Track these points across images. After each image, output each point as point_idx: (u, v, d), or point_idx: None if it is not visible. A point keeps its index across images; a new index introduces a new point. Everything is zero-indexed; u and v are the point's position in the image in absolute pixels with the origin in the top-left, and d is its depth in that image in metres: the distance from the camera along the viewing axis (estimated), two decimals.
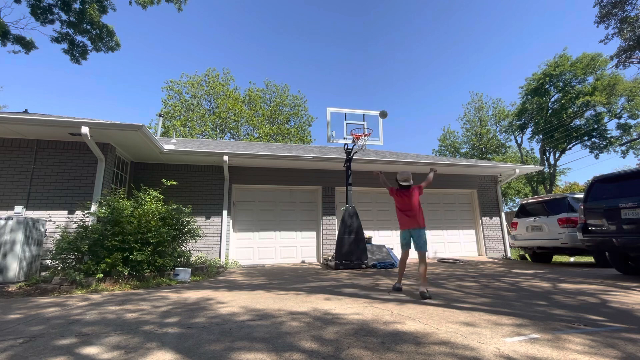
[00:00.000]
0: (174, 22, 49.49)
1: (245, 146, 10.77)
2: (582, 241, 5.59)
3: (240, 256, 8.39)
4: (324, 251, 8.74)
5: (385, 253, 7.51)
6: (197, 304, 3.48)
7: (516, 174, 10.24)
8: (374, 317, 2.78)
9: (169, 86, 25.98)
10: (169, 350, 2.04)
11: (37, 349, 2.11)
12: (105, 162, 6.20)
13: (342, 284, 4.83)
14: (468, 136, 33.24)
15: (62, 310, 3.24)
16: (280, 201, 9.11)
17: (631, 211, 4.79)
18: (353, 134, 7.55)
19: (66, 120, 5.67)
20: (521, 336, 2.19)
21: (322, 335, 2.26)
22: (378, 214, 9.73)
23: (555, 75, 26.09)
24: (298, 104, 28.90)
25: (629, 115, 24.59)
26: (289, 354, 1.91)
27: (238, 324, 2.63)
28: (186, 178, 8.16)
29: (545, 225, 7.57)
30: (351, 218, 7.05)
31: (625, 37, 13.85)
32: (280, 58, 52.56)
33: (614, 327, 2.40)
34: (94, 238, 4.99)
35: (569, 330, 2.32)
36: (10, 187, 5.86)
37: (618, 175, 5.46)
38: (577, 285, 4.37)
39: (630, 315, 2.77)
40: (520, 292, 3.97)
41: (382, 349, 1.98)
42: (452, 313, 2.87)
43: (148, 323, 2.69)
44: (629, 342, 2.05)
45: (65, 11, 9.60)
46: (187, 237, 6.21)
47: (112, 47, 10.53)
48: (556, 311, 2.92)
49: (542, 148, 28.25)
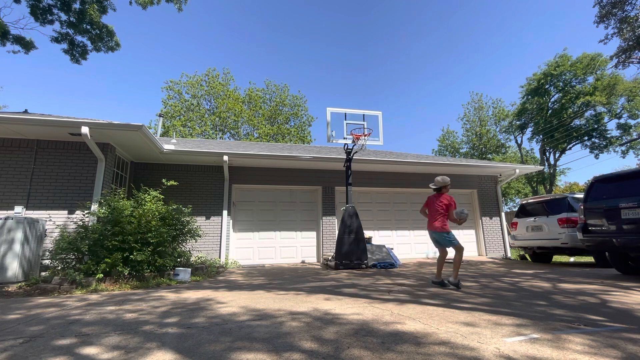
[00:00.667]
0: (174, 22, 49.54)
1: (245, 146, 10.77)
2: (582, 241, 5.58)
3: (240, 256, 8.39)
4: (324, 251, 8.74)
5: (385, 253, 7.50)
6: (197, 304, 3.48)
7: (516, 174, 10.24)
8: (374, 317, 2.78)
9: (168, 86, 26.00)
10: (169, 350, 2.04)
11: (37, 349, 2.10)
12: (105, 162, 6.20)
13: (342, 284, 4.83)
14: (468, 136, 33.27)
15: (61, 311, 3.24)
16: (280, 201, 9.11)
17: (631, 211, 4.79)
18: (353, 134, 7.55)
19: (66, 120, 5.67)
20: (521, 336, 2.19)
21: (322, 335, 2.26)
22: (378, 214, 9.73)
23: (555, 75, 26.11)
24: (298, 104, 28.92)
25: (629, 115, 24.61)
26: (289, 354, 1.91)
27: (238, 324, 2.63)
28: (186, 178, 8.16)
29: (545, 225, 7.57)
30: (351, 218, 7.05)
31: (625, 37, 13.84)
32: (280, 58, 52.62)
33: (614, 327, 2.40)
34: (93, 238, 4.99)
35: (569, 330, 2.32)
36: (10, 187, 5.86)
37: (618, 175, 5.46)
38: (577, 285, 4.37)
39: (631, 315, 2.77)
40: (520, 292, 3.97)
41: (382, 349, 1.97)
42: (452, 313, 2.87)
43: (148, 323, 2.69)
44: (629, 342, 2.05)
45: (65, 11, 9.61)
46: (187, 237, 6.21)
47: (112, 47, 10.53)
48: (556, 311, 2.92)
49: (542, 148, 28.26)
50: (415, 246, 9.77)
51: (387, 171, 9.62)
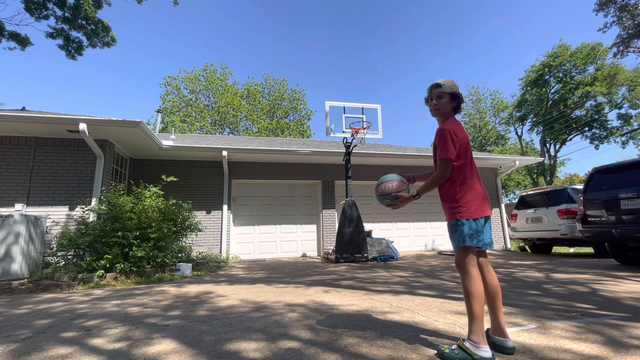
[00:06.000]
0: (170, 16, 49.02)
1: (244, 141, 10.75)
2: (582, 232, 5.60)
3: (241, 251, 8.44)
4: (324, 245, 8.78)
5: (385, 246, 7.55)
6: (198, 297, 3.52)
7: (516, 166, 10.23)
8: (372, 308, 2.81)
9: (167, 82, 25.87)
10: (172, 340, 2.09)
11: (47, 340, 2.18)
12: (104, 158, 6.20)
13: (342, 277, 4.87)
14: (467, 129, 33.16)
15: (66, 305, 3.29)
16: (280, 195, 9.12)
17: (631, 201, 4.79)
18: (352, 128, 7.53)
19: (64, 117, 5.65)
20: (518, 327, 2.22)
21: (319, 326, 2.29)
22: (378, 207, 9.73)
23: (555, 66, 25.90)
24: (297, 98, 28.79)
25: (630, 105, 24.46)
26: (287, 342, 1.95)
27: (238, 316, 2.66)
28: (186, 174, 8.16)
29: (544, 217, 7.59)
30: (351, 208, 7.10)
31: (625, 25, 13.70)
32: (278, 51, 52.13)
33: (599, 315, 2.43)
34: (94, 234, 5.02)
35: (557, 319, 2.35)
36: (10, 185, 5.87)
37: (617, 165, 5.45)
38: (571, 275, 4.40)
39: (617, 303, 2.80)
40: (513, 282, 4.00)
41: (381, 339, 2.00)
42: (450, 304, 2.90)
43: (151, 316, 2.74)
44: (612, 328, 2.11)
45: (60, 6, 9.51)
46: (187, 232, 6.25)
47: (107, 42, 10.44)
48: (546, 300, 2.95)
49: (542, 139, 28.18)
50: (415, 239, 9.81)
51: (387, 164, 9.61)
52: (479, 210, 1.78)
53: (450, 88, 1.89)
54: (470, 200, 1.78)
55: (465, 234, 1.75)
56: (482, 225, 1.80)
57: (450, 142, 1.77)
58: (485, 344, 1.61)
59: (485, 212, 1.81)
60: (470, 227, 1.76)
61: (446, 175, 1.81)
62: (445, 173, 1.81)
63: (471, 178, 1.82)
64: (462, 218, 1.77)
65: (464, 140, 1.82)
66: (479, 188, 1.82)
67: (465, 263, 1.75)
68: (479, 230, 1.77)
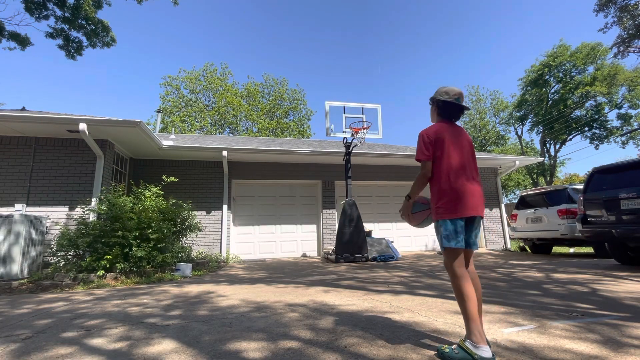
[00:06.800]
0: (170, 16, 49.01)
1: (244, 141, 10.75)
2: (582, 232, 5.60)
3: (241, 251, 8.44)
4: (324, 244, 8.78)
5: (385, 246, 7.55)
6: (198, 297, 3.52)
7: (516, 166, 10.23)
8: (372, 308, 2.81)
9: (166, 82, 25.85)
10: (173, 340, 2.10)
11: (47, 340, 2.17)
12: (104, 158, 6.20)
13: (342, 277, 4.87)
14: (466, 129, 33.15)
15: (67, 305, 3.29)
16: (280, 195, 9.12)
17: (631, 201, 4.79)
18: (352, 128, 7.53)
19: (63, 117, 5.65)
20: (513, 326, 2.22)
21: (319, 326, 2.29)
22: (378, 207, 9.75)
23: (554, 66, 25.89)
24: (297, 98, 28.78)
25: (630, 105, 24.45)
26: (287, 342, 1.95)
27: (238, 316, 2.66)
28: (186, 174, 8.16)
29: (544, 217, 7.59)
30: (351, 208, 7.10)
31: (625, 25, 13.71)
32: (278, 51, 52.11)
33: (599, 315, 2.43)
34: (94, 234, 5.02)
35: (556, 318, 2.35)
36: (10, 185, 5.87)
37: (617, 165, 5.45)
38: (570, 275, 4.40)
39: (616, 303, 2.80)
40: (512, 282, 4.00)
41: (381, 339, 2.00)
42: (450, 304, 2.90)
43: (151, 316, 2.74)
44: (610, 328, 2.11)
45: (60, 6, 9.51)
46: (187, 232, 6.25)
47: (107, 42, 10.44)
48: (545, 300, 2.95)
49: (542, 139, 28.18)
50: (415, 239, 9.81)
51: (387, 164, 9.62)
52: (458, 211, 1.76)
53: (434, 96, 2.03)
54: (448, 201, 1.78)
55: (442, 235, 1.77)
56: (461, 226, 1.76)
57: (422, 144, 1.88)
58: (484, 343, 1.61)
59: (466, 212, 1.76)
60: (446, 228, 1.76)
61: (425, 174, 1.88)
62: (423, 172, 1.89)
63: (455, 177, 1.80)
64: (439, 219, 1.80)
65: (438, 140, 1.86)
66: (460, 188, 1.79)
67: (449, 263, 1.76)
68: (457, 230, 1.75)
